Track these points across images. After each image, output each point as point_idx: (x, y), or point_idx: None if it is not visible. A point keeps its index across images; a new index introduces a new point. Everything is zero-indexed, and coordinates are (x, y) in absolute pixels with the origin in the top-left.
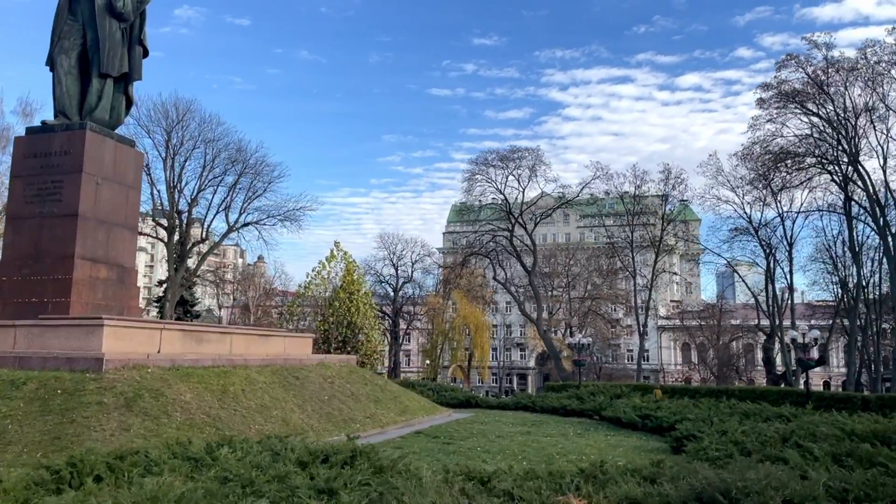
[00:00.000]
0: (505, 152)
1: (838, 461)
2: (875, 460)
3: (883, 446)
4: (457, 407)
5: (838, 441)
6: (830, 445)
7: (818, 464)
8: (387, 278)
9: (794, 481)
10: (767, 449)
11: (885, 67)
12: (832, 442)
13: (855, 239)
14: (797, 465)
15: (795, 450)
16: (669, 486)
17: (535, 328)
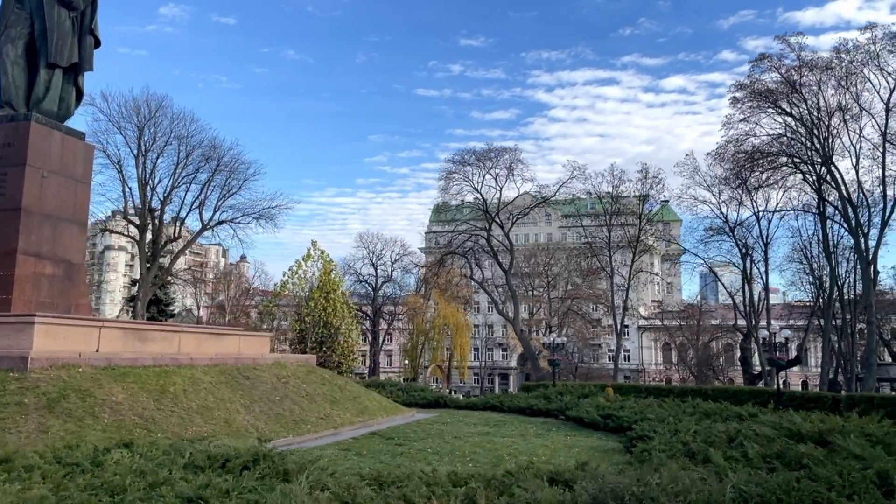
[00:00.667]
0: (482, 151)
1: (769, 462)
2: (802, 462)
3: (818, 447)
4: (425, 407)
5: (769, 442)
6: (762, 446)
7: (746, 466)
8: (366, 278)
9: (703, 485)
10: (711, 450)
11: (858, 67)
12: (763, 442)
13: (829, 239)
14: (721, 468)
15: (737, 450)
16: (581, 490)
17: (514, 328)
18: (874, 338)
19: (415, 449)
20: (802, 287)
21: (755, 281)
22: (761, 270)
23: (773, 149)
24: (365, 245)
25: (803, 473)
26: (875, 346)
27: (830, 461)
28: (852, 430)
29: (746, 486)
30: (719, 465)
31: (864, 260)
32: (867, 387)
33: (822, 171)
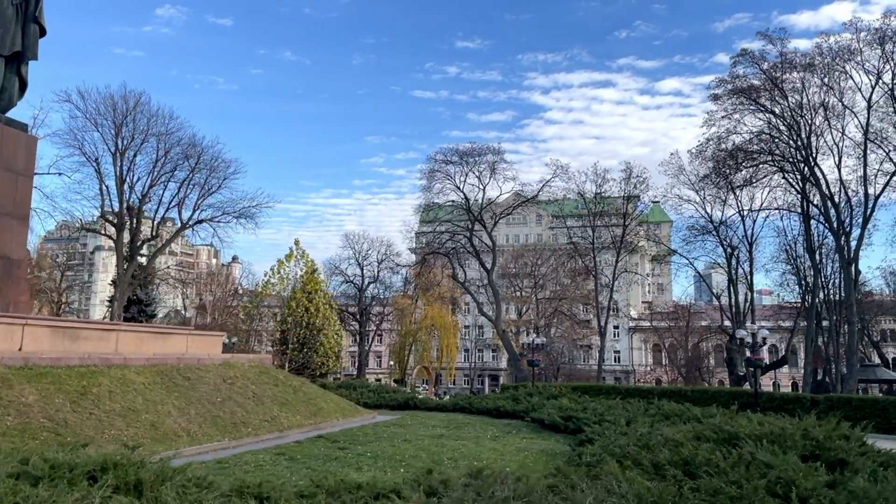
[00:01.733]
0: (465, 150)
1: (675, 468)
2: (703, 469)
3: (733, 449)
4: (395, 409)
5: (677, 447)
6: (671, 451)
7: (646, 474)
8: (352, 278)
9: (554, 499)
10: (644, 453)
11: (840, 64)
12: (672, 447)
13: (813, 239)
14: (614, 475)
15: (664, 454)
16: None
17: (497, 328)
18: (855, 339)
19: (354, 453)
20: (789, 288)
21: (741, 282)
22: (746, 270)
23: (754, 147)
24: (351, 245)
25: (696, 483)
26: (857, 347)
27: (737, 468)
28: (793, 432)
29: (628, 496)
30: (613, 473)
31: (843, 259)
32: (848, 388)
33: (804, 170)
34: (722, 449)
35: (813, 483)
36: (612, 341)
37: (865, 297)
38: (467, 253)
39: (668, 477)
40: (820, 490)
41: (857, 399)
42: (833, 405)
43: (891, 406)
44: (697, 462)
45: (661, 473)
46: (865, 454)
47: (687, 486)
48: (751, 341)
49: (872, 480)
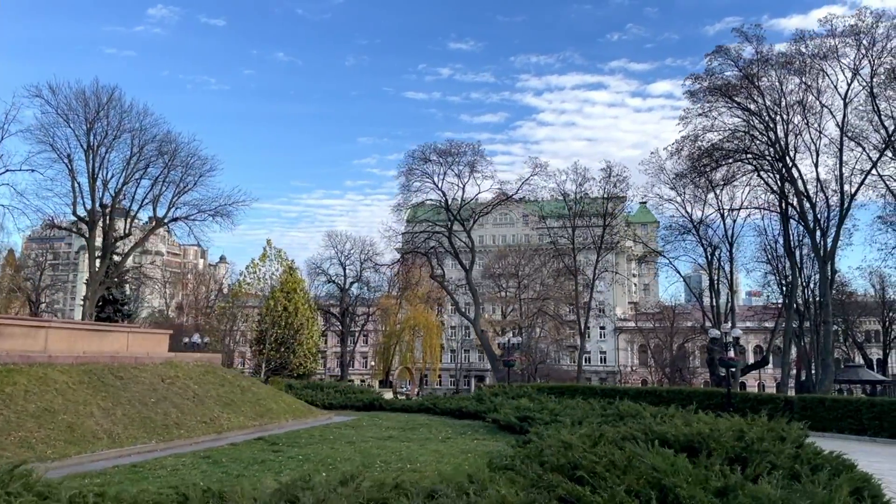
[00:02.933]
0: (444, 148)
1: (568, 472)
2: (588, 475)
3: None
4: (359, 409)
5: (564, 450)
6: (557, 455)
7: (526, 479)
8: (334, 278)
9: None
10: (567, 452)
11: (817, 60)
12: (558, 450)
13: (791, 239)
14: (484, 483)
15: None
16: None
17: (475, 329)
18: (830, 339)
19: (286, 456)
20: (772, 288)
21: (723, 282)
22: (727, 270)
23: (729, 145)
24: (333, 244)
25: (568, 488)
26: (833, 347)
27: (629, 472)
28: (723, 434)
29: None
30: (481, 479)
31: (820, 259)
32: (823, 388)
33: (781, 169)
34: (618, 452)
35: (694, 490)
36: (598, 342)
37: (849, 297)
38: (447, 252)
39: (542, 482)
40: (703, 498)
41: (829, 399)
42: (806, 406)
43: (863, 407)
44: (584, 465)
45: (541, 479)
46: (798, 456)
47: (559, 491)
48: (724, 341)
49: (788, 485)
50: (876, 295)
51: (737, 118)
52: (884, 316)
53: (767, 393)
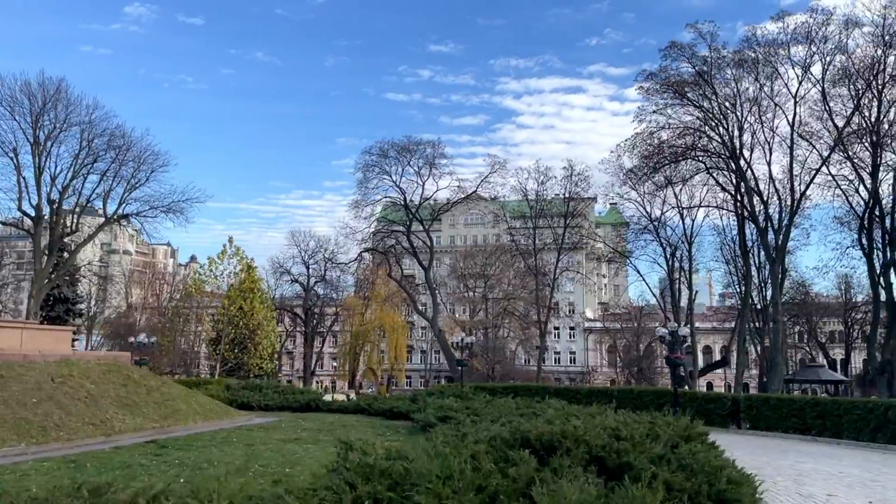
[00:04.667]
0: (403, 143)
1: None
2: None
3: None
4: (296, 410)
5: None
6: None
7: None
8: (298, 277)
9: None
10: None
11: (770, 58)
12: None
13: (746, 238)
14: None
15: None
16: None
17: (433, 329)
18: (779, 338)
19: (164, 461)
20: (734, 288)
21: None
22: (685, 269)
23: (682, 142)
24: (296, 243)
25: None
26: (781, 346)
27: (450, 481)
28: (592, 433)
29: None
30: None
31: (770, 258)
32: (772, 388)
33: (733, 167)
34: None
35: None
36: (568, 342)
37: (814, 299)
38: (406, 251)
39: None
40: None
41: (774, 399)
42: (752, 405)
43: (807, 406)
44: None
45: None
46: (664, 456)
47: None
48: (671, 339)
49: (613, 487)
50: (841, 296)
51: (690, 116)
52: (846, 317)
53: (715, 392)
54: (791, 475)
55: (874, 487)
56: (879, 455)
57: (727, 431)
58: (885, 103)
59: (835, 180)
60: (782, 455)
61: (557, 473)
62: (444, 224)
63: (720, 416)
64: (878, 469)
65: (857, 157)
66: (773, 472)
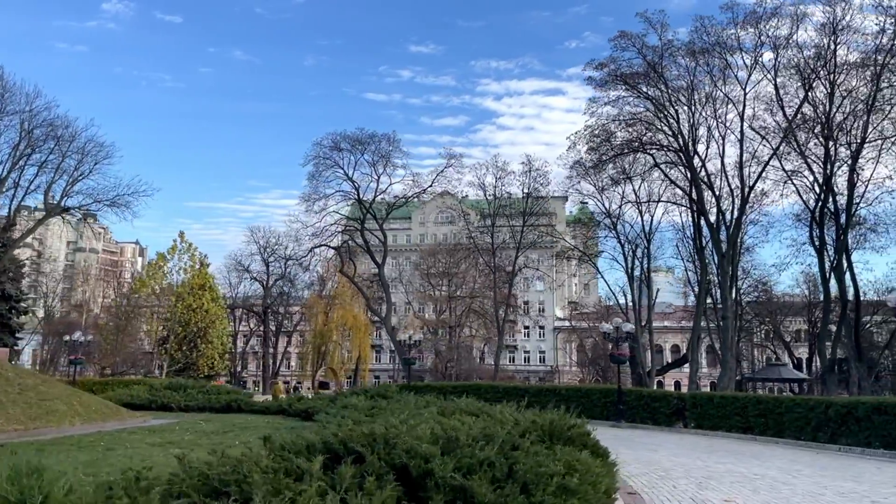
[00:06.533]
0: (356, 135)
1: None
2: None
3: None
4: (217, 411)
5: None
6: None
7: None
8: (256, 274)
9: None
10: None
11: (719, 48)
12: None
13: (702, 234)
14: None
15: None
16: None
17: (386, 327)
18: (729, 335)
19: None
20: (689, 286)
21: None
22: (645, 267)
23: (626, 134)
24: (256, 240)
25: None
26: (731, 344)
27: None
28: (402, 434)
29: None
30: None
31: (720, 254)
32: (722, 386)
33: (684, 160)
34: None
35: None
36: (537, 341)
37: (780, 298)
38: (359, 247)
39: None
40: None
41: (718, 397)
42: (697, 403)
43: (750, 404)
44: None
45: None
46: (487, 461)
47: None
48: (615, 336)
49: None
50: (806, 294)
51: (640, 108)
52: (810, 315)
53: (662, 391)
54: (699, 478)
55: (782, 492)
56: (811, 455)
57: (671, 431)
58: (838, 95)
59: (787, 174)
60: (706, 455)
61: (336, 487)
62: (413, 222)
63: (665, 416)
64: (798, 471)
65: (809, 150)
66: (682, 473)
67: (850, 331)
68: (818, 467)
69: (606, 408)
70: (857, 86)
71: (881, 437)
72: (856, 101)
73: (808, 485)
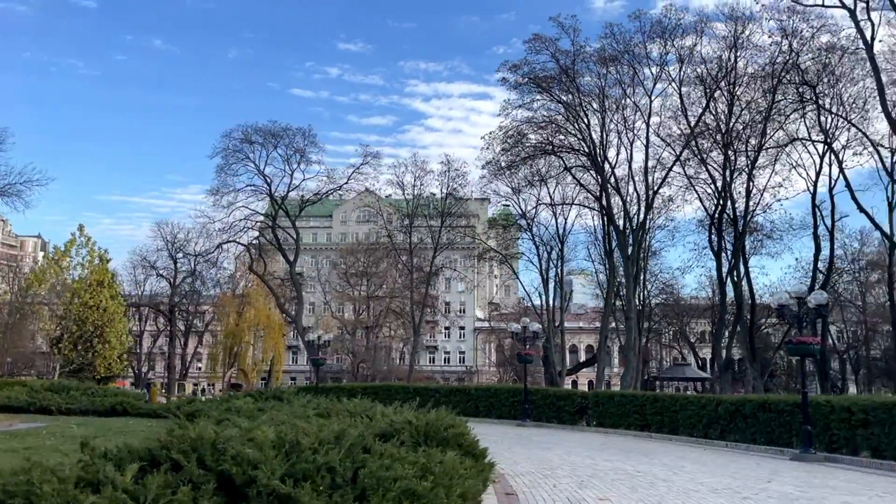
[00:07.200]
0: (268, 127)
1: None
2: None
3: None
4: (101, 414)
5: None
6: None
7: None
8: (163, 271)
9: None
10: None
11: (628, 56)
12: None
13: (610, 238)
14: None
15: None
16: None
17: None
18: (632, 335)
19: None
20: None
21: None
22: (558, 269)
23: (537, 137)
24: (163, 235)
25: None
26: (634, 343)
27: None
28: (234, 438)
29: None
30: None
31: (625, 256)
32: (624, 384)
33: (593, 165)
34: None
35: None
36: (457, 342)
37: (688, 301)
38: (270, 244)
39: None
40: None
41: (618, 395)
42: (599, 402)
43: (647, 402)
44: None
45: None
46: (325, 466)
47: None
48: (523, 336)
49: None
50: (712, 298)
51: (553, 111)
52: (713, 317)
53: (566, 390)
54: (583, 476)
55: (659, 489)
56: (698, 451)
57: (574, 429)
58: (737, 106)
59: (689, 180)
60: (598, 453)
61: (140, 498)
62: (335, 220)
63: (570, 414)
64: (681, 467)
65: (711, 158)
66: (568, 471)
67: (745, 332)
68: (701, 464)
69: (514, 407)
70: (755, 97)
71: (765, 434)
72: (754, 112)
73: (685, 482)
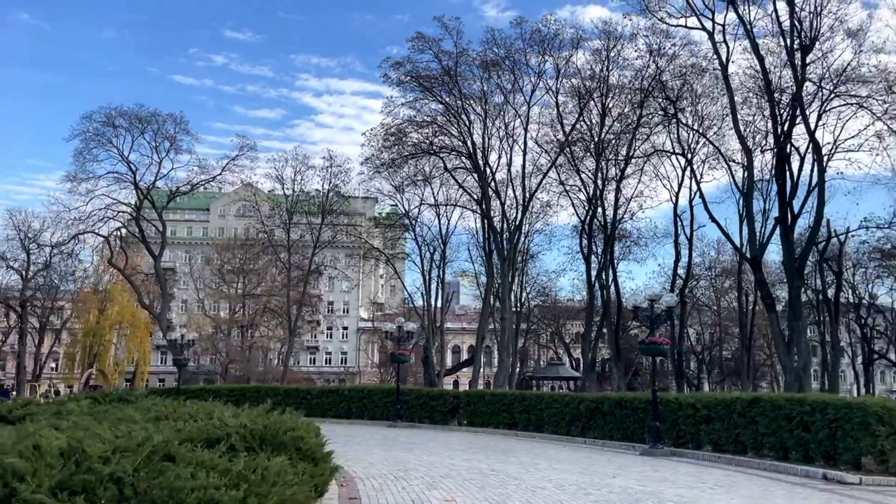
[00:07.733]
0: (136, 112)
1: None
2: None
3: None
4: None
5: None
6: None
7: None
8: (13, 263)
9: None
10: None
11: (508, 62)
12: None
13: (489, 240)
14: None
15: None
16: None
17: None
18: (506, 335)
19: None
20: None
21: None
22: (439, 269)
23: (423, 135)
24: (15, 224)
25: None
26: (507, 343)
27: None
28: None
29: None
30: None
31: (502, 258)
32: (497, 384)
33: (471, 166)
34: None
35: None
36: (340, 342)
37: (564, 302)
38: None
39: None
40: None
41: (489, 395)
42: (471, 401)
43: (515, 401)
44: None
45: None
46: (112, 477)
47: None
48: (398, 335)
49: None
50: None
51: (434, 112)
52: (587, 318)
53: (439, 389)
54: (435, 476)
55: (508, 487)
56: (556, 448)
57: (445, 429)
58: (609, 117)
59: (564, 186)
60: (459, 452)
61: None
62: (212, 214)
63: (442, 414)
64: (535, 465)
65: (584, 166)
66: (422, 472)
67: (611, 333)
68: (556, 461)
69: (387, 408)
70: (625, 110)
71: (621, 430)
72: (624, 124)
73: (536, 479)
